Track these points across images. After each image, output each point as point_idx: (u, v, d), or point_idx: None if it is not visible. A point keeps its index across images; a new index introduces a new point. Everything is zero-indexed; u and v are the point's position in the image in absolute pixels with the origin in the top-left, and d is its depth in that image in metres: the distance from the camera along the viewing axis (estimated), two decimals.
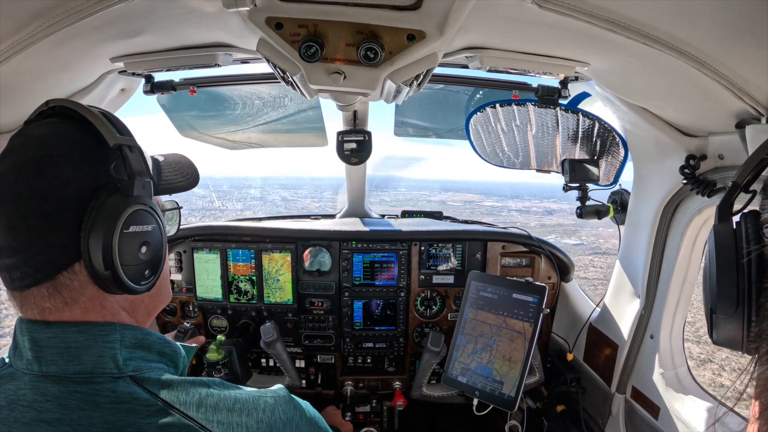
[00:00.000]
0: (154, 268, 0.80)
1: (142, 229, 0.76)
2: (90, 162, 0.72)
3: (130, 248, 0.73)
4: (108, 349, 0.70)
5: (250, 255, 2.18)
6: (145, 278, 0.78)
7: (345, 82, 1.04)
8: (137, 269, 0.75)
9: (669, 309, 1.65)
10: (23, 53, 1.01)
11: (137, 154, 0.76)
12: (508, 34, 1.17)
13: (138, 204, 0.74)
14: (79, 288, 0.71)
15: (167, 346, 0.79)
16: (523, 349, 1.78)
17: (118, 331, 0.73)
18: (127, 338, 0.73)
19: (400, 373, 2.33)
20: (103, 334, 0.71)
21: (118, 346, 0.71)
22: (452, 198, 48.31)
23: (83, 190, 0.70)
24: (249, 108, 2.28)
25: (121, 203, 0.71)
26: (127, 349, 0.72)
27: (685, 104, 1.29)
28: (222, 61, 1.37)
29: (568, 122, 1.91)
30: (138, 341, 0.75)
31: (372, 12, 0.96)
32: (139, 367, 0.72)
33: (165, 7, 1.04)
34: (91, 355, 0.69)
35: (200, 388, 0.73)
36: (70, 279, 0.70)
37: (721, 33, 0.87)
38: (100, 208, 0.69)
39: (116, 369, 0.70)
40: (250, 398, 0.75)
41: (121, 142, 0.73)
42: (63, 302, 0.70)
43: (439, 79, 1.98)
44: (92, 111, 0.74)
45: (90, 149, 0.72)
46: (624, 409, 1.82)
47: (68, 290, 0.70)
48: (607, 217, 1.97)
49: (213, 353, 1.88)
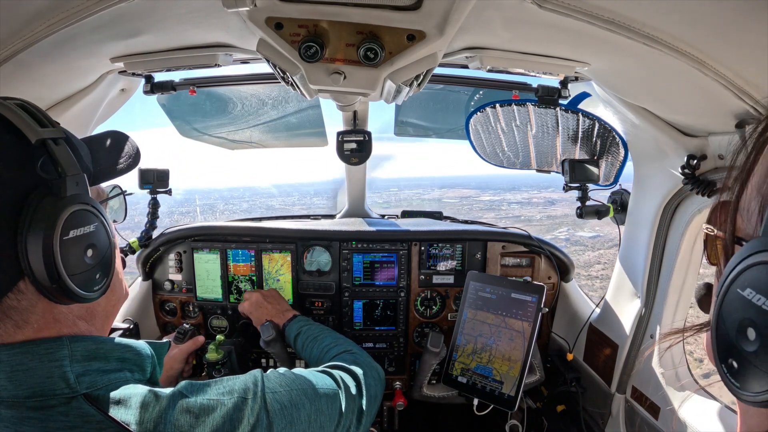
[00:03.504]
0: (106, 270, 0.73)
1: (84, 231, 0.67)
2: (13, 164, 0.62)
3: (74, 255, 0.65)
4: (56, 368, 0.64)
5: (250, 255, 2.18)
6: (97, 282, 0.71)
7: (345, 83, 1.04)
8: (87, 275, 0.68)
9: (669, 309, 1.65)
10: (23, 54, 1.01)
11: (64, 147, 0.67)
12: (508, 34, 1.17)
13: (75, 204, 0.66)
14: (29, 307, 0.64)
15: (128, 350, 0.73)
16: (522, 349, 1.78)
17: (66, 346, 0.66)
18: (78, 352, 0.66)
19: (400, 373, 2.33)
20: (48, 353, 0.64)
21: (67, 362, 0.65)
22: (447, 195, 47.31)
23: (11, 198, 0.61)
24: (249, 108, 2.29)
25: (55, 207, 0.63)
26: (80, 363, 0.66)
27: (685, 104, 1.29)
28: (222, 61, 1.37)
29: (568, 122, 1.91)
30: (91, 353, 0.68)
31: (372, 12, 0.96)
32: (94, 382, 0.66)
33: (165, 7, 1.04)
34: (38, 377, 0.63)
35: (163, 399, 0.67)
36: (17, 300, 0.63)
37: (721, 33, 0.87)
38: (33, 215, 0.61)
39: (68, 389, 0.63)
40: (217, 406, 0.71)
41: (43, 136, 0.63)
42: (14, 326, 0.64)
43: (439, 79, 1.98)
44: (5, 104, 0.64)
45: (10, 149, 0.63)
46: (624, 409, 1.82)
47: (17, 312, 0.63)
48: (607, 217, 1.97)
49: (212, 353, 1.88)
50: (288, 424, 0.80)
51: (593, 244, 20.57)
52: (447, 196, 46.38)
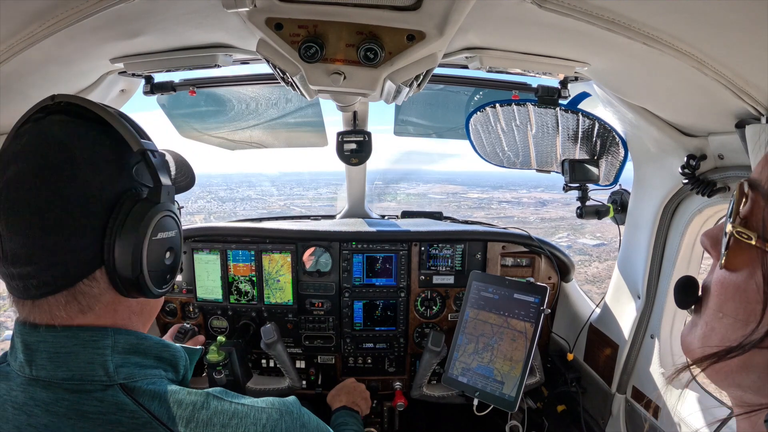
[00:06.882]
0: (173, 273, 0.80)
1: (168, 235, 0.76)
2: (113, 167, 0.70)
3: (156, 254, 0.74)
4: (98, 356, 0.67)
5: (250, 256, 2.18)
6: (167, 282, 0.78)
7: (345, 83, 1.04)
8: (161, 274, 0.76)
9: (669, 309, 1.65)
10: (23, 54, 1.01)
11: (160, 159, 0.75)
12: (508, 34, 1.17)
13: (165, 210, 0.74)
14: (98, 295, 0.70)
15: (165, 350, 0.76)
16: (524, 349, 1.78)
17: (111, 337, 0.70)
18: (120, 343, 0.70)
19: (401, 374, 2.33)
20: (93, 340, 0.68)
21: (109, 352, 0.68)
22: (433, 190, 45.68)
23: (107, 196, 0.68)
24: (249, 108, 2.29)
25: (150, 211, 0.71)
26: (120, 355, 0.69)
27: (685, 104, 1.29)
28: (222, 61, 1.37)
29: (568, 122, 1.91)
30: (132, 346, 0.71)
31: (372, 12, 0.96)
32: (132, 374, 0.69)
33: (165, 8, 1.04)
34: (80, 361, 0.66)
35: (197, 399, 0.69)
36: (90, 286, 0.68)
37: (721, 33, 0.87)
38: (128, 215, 0.68)
39: (106, 377, 0.67)
40: (251, 412, 0.71)
41: (145, 147, 0.71)
42: (79, 310, 0.68)
43: (439, 80, 1.98)
44: (109, 111, 0.71)
45: (112, 153, 0.70)
46: (624, 409, 1.81)
47: (86, 298, 0.69)
48: (607, 217, 1.97)
49: (213, 354, 1.88)
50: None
51: (599, 254, 19.26)
52: (432, 192, 45.11)
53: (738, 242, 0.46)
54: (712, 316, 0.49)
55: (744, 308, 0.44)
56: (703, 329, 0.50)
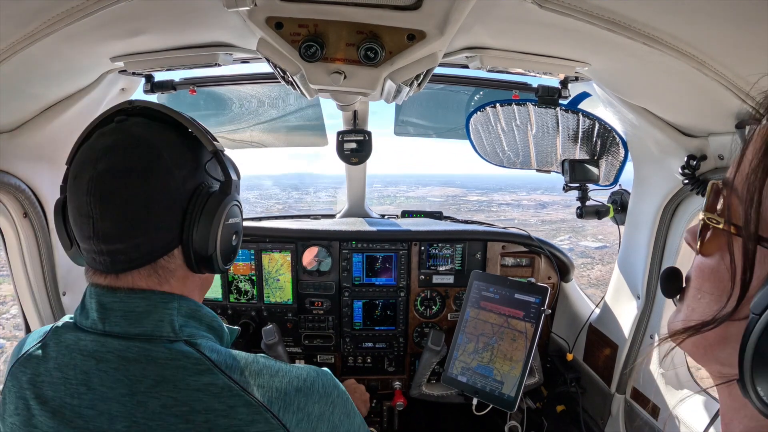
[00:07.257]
0: (236, 252, 0.94)
1: (236, 221, 0.89)
2: (191, 164, 0.82)
3: (227, 236, 0.86)
4: (167, 315, 0.78)
5: (249, 255, 2.18)
6: (231, 260, 0.91)
7: (345, 82, 1.04)
8: (229, 253, 0.89)
9: (669, 309, 1.65)
10: (23, 53, 1.01)
11: (227, 157, 0.88)
12: (508, 34, 1.17)
13: (234, 201, 0.87)
14: (174, 270, 0.81)
15: (215, 321, 0.88)
16: (524, 350, 1.78)
17: (176, 300, 0.80)
18: (183, 308, 0.81)
19: (400, 373, 2.33)
20: (163, 302, 0.79)
21: (175, 313, 0.79)
22: (432, 193, 45.57)
23: (187, 188, 0.80)
24: (249, 107, 2.29)
25: (223, 201, 0.83)
26: (183, 317, 0.80)
27: (685, 104, 1.29)
28: (222, 60, 1.37)
29: (568, 122, 1.91)
30: (192, 312, 0.82)
31: (372, 12, 0.96)
32: (192, 333, 0.80)
33: (165, 7, 1.04)
34: (152, 320, 0.76)
35: (247, 356, 0.80)
36: (168, 262, 0.80)
37: (721, 33, 0.87)
38: (206, 204, 0.80)
39: (173, 333, 0.77)
40: (293, 369, 0.82)
41: (217, 148, 0.85)
42: (158, 281, 0.80)
43: (439, 79, 1.98)
44: (185, 116, 0.84)
45: (190, 152, 0.82)
46: (624, 410, 1.82)
47: (164, 271, 0.80)
48: (607, 217, 1.97)
49: None
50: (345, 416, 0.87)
51: (601, 256, 19.12)
52: (432, 195, 44.95)
53: (710, 229, 0.51)
54: (692, 297, 0.54)
55: (718, 286, 0.49)
56: (684, 312, 0.55)
